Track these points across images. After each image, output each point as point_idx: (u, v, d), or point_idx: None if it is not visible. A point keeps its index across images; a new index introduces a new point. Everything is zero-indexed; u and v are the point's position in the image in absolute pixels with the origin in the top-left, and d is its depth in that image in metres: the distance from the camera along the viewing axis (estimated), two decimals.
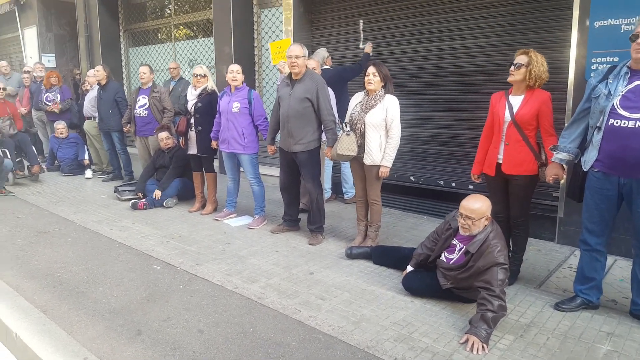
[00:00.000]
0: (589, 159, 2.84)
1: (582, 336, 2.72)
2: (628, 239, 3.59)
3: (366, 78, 3.79)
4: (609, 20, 3.71)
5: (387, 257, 3.70)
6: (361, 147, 3.85)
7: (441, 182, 5.17)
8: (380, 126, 3.77)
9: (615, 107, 2.67)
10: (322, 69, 5.12)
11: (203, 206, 5.29)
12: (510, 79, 3.18)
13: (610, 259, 3.80)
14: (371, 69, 3.76)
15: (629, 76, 2.68)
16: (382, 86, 3.80)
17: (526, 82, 3.13)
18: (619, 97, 2.67)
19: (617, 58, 3.66)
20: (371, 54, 5.48)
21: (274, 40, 5.77)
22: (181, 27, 8.40)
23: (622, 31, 3.65)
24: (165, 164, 5.61)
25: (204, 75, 4.88)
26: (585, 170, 2.89)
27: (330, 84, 4.83)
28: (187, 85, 6.65)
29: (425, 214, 5.19)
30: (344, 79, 5.27)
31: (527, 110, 3.12)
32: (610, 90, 2.71)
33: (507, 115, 3.19)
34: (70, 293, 3.28)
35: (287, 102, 4.12)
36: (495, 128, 3.28)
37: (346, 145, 3.82)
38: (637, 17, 3.57)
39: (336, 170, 5.66)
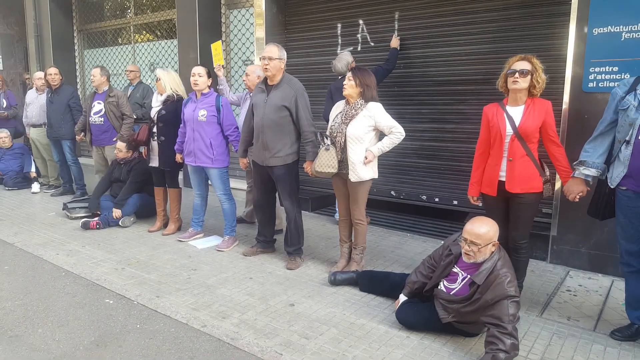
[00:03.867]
0: (616, 175, 2.61)
1: None
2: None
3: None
4: (609, 27, 3.49)
5: (376, 284, 3.36)
6: (343, 163, 3.47)
7: (424, 197, 4.88)
8: (363, 138, 3.41)
9: None
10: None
11: (165, 225, 4.77)
12: (514, 86, 2.86)
13: (606, 280, 3.64)
14: (348, 74, 3.46)
15: None
16: (360, 92, 3.43)
17: (531, 90, 2.87)
18: None
19: (617, 67, 3.48)
20: (398, 48, 4.79)
21: (219, 43, 5.24)
22: (141, 28, 7.85)
23: (622, 39, 3.44)
24: (122, 177, 5.05)
25: None
26: (612, 187, 2.66)
27: None
28: (147, 90, 6.22)
29: (408, 232, 4.88)
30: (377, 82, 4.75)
31: (531, 121, 2.87)
32: None
33: (509, 129, 2.92)
34: (1, 338, 2.72)
35: (262, 110, 3.69)
36: (496, 143, 3.00)
37: (325, 161, 3.44)
38: (638, 24, 3.37)
39: None
